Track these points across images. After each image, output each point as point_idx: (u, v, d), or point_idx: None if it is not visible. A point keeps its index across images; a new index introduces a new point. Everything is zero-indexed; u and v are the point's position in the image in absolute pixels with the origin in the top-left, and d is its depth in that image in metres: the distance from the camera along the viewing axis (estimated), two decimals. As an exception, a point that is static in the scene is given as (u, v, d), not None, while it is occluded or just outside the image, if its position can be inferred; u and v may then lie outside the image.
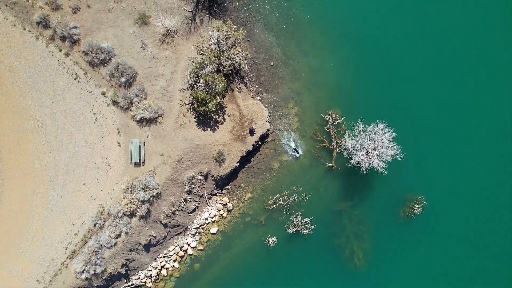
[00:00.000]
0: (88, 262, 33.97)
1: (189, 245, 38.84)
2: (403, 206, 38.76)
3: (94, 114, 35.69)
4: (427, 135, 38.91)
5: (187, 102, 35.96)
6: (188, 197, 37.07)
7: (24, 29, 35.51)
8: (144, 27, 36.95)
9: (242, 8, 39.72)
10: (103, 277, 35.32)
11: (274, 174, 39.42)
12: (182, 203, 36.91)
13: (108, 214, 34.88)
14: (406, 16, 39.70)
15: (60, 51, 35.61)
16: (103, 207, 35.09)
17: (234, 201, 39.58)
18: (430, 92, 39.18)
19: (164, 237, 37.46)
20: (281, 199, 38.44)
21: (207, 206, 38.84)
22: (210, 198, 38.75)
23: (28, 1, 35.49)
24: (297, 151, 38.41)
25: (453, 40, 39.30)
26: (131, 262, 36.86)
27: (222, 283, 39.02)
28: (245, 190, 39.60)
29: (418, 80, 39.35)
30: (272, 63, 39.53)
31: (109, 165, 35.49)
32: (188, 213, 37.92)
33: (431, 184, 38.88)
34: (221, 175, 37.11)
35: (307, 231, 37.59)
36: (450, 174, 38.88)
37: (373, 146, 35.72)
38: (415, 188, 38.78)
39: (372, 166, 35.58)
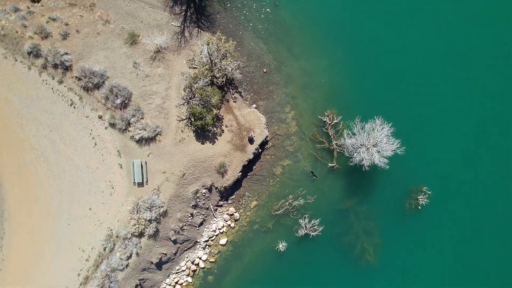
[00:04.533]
0: (102, 287, 33.99)
1: (200, 258, 38.91)
2: (409, 198, 38.93)
3: (93, 138, 35.78)
4: (425, 126, 39.15)
5: (184, 118, 36.10)
6: (195, 212, 37.17)
7: (16, 60, 35.64)
8: (134, 46, 37.12)
9: (229, 18, 39.94)
10: (118, 300, 35.40)
11: (278, 180, 39.56)
12: (189, 218, 37.00)
13: (117, 236, 34.94)
14: (393, 11, 40.03)
15: (53, 79, 35.73)
16: (111, 230, 35.16)
17: (241, 210, 39.68)
18: (425, 83, 39.47)
19: (175, 253, 37.52)
20: (287, 203, 38.56)
21: (214, 218, 38.94)
22: (216, 210, 38.85)
23: (17, 32, 35.61)
24: (314, 174, 38.66)
25: (443, 29, 39.63)
26: (144, 282, 36.89)
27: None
28: (250, 198, 39.72)
29: (412, 73, 39.64)
30: (264, 70, 39.72)
31: (113, 188, 35.57)
32: (196, 227, 38.00)
33: (433, 174, 39.08)
34: (225, 186, 37.22)
35: (316, 232, 37.71)
36: (452, 163, 39.10)
37: (373, 143, 35.90)
38: (419, 180, 38.96)
39: (374, 163, 35.73)
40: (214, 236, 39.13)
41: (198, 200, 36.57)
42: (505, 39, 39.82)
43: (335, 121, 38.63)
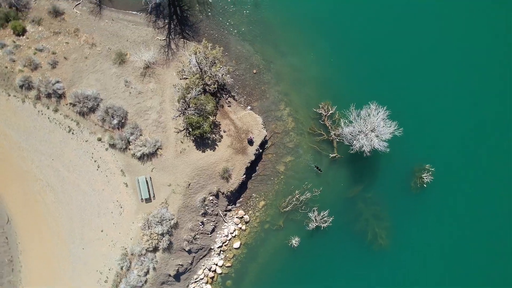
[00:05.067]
0: (123, 305, 34.40)
1: (216, 264, 39.29)
2: (413, 178, 39.28)
3: (95, 161, 36.14)
4: (420, 105, 39.50)
5: (181, 129, 36.46)
6: (205, 219, 37.56)
7: (9, 95, 36.00)
8: (123, 65, 37.49)
9: (213, 25, 40.26)
10: (141, 316, 35.78)
11: (282, 177, 39.93)
12: (200, 226, 37.38)
13: (132, 254, 35.32)
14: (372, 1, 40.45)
15: (48, 108, 36.09)
16: (126, 248, 35.54)
17: (250, 212, 40.06)
18: (414, 62, 39.85)
19: (191, 263, 37.90)
20: (294, 199, 38.93)
21: (225, 223, 39.31)
22: (225, 215, 39.22)
23: (7, 67, 35.97)
24: (319, 169, 38.99)
25: (428, 7, 40.03)
26: (164, 295, 37.31)
27: (257, 293, 39.55)
28: (257, 199, 40.08)
29: (400, 54, 40.01)
30: (254, 71, 40.07)
31: (121, 207, 35.94)
32: (208, 234, 38.38)
33: (435, 151, 39.45)
34: (231, 190, 37.58)
35: (326, 224, 38.08)
36: (451, 138, 39.46)
37: (370, 128, 36.24)
38: (421, 158, 39.30)
39: (374, 148, 36.08)
40: (227, 241, 39.50)
41: (207, 207, 36.94)
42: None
43: (330, 112, 38.99)
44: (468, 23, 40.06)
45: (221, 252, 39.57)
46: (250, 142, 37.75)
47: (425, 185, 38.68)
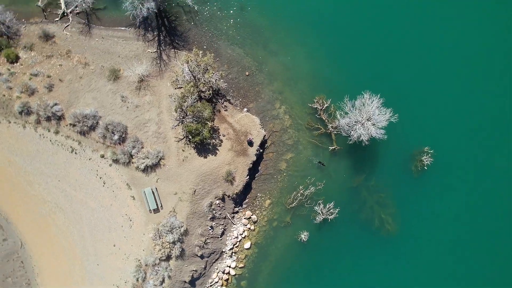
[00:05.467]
0: (143, 316, 35.05)
1: (229, 266, 39.94)
2: (413, 161, 39.89)
3: (100, 178, 36.78)
4: (412, 90, 40.17)
5: (181, 137, 37.09)
6: (214, 223, 38.20)
7: (10, 122, 36.62)
8: (118, 81, 38.10)
9: (201, 33, 40.85)
10: (161, 324, 36.46)
11: (285, 174, 40.55)
12: (210, 231, 38.04)
13: (146, 265, 35.97)
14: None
15: (49, 131, 36.72)
16: (139, 260, 36.19)
17: (257, 212, 40.70)
18: (403, 48, 40.48)
19: (205, 268, 38.57)
20: (299, 194, 39.54)
21: (234, 225, 39.96)
22: (233, 217, 39.87)
23: (4, 95, 36.59)
24: (322, 163, 39.59)
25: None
26: (182, 302, 37.97)
27: (272, 290, 40.21)
28: (263, 198, 40.72)
29: (388, 42, 40.62)
30: (247, 73, 40.67)
31: (131, 220, 36.59)
32: (219, 237, 39.04)
33: (432, 133, 40.06)
34: (236, 192, 38.22)
35: (333, 215, 38.71)
36: (447, 118, 40.08)
37: (366, 117, 36.84)
38: (419, 142, 39.89)
39: (371, 136, 36.68)
40: (238, 242, 40.15)
41: (214, 211, 37.59)
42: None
43: (325, 106, 39.61)
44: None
45: (233, 254, 40.21)
46: (250, 143, 38.37)
47: (425, 168, 39.29)
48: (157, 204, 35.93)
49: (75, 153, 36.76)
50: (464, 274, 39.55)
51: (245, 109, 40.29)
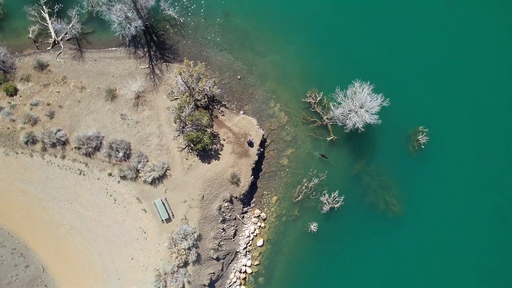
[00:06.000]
0: (168, 323, 36.25)
1: (245, 265, 41.13)
2: (410, 142, 41.10)
3: (110, 195, 37.98)
4: (400, 73, 41.39)
5: (184, 147, 38.27)
6: (225, 225, 39.42)
7: (17, 153, 37.82)
8: (115, 100, 39.27)
9: (190, 43, 41.99)
10: (187, 329, 37.66)
11: (287, 170, 41.73)
12: (222, 233, 39.25)
13: (165, 273, 37.18)
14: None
15: (56, 157, 37.91)
16: (158, 270, 37.40)
17: (265, 209, 41.89)
18: (386, 35, 41.72)
19: (222, 269, 39.78)
20: (304, 187, 40.72)
21: (244, 225, 41.16)
22: (243, 217, 41.07)
23: (9, 128, 37.78)
24: (324, 156, 40.78)
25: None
26: (204, 305, 39.20)
27: (291, 283, 41.24)
28: (269, 195, 41.90)
29: (371, 29, 41.84)
30: (239, 77, 41.83)
31: (145, 233, 37.79)
32: (232, 239, 40.24)
33: (425, 112, 41.25)
34: (243, 193, 39.40)
35: (338, 204, 39.89)
36: (436, 95, 41.33)
37: (359, 105, 38.02)
38: (413, 122, 41.07)
39: (366, 122, 37.83)
40: (250, 241, 41.35)
41: (224, 214, 38.79)
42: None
43: (318, 99, 40.76)
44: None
45: (247, 252, 41.40)
46: (250, 144, 39.53)
47: (422, 146, 40.46)
48: (168, 214, 37.13)
49: (83, 174, 37.96)
50: (469, 244, 40.76)
51: (242, 112, 41.46)
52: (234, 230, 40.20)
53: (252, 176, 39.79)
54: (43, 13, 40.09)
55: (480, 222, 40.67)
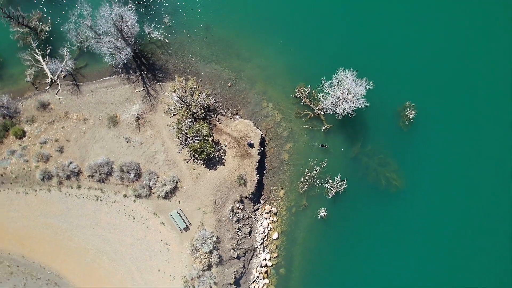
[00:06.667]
0: (203, 324, 38.57)
1: (265, 259, 43.45)
2: (400, 118, 43.31)
3: (129, 215, 40.30)
4: (379, 55, 43.57)
5: (189, 158, 40.59)
6: (240, 225, 41.73)
7: (35, 190, 40.15)
8: (117, 126, 41.58)
9: (178, 60, 44.25)
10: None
11: (289, 163, 44.03)
12: (239, 232, 41.57)
13: (192, 279, 39.49)
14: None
15: (72, 188, 40.22)
16: (185, 276, 39.72)
17: (275, 204, 44.18)
18: (360, 21, 43.93)
19: (244, 267, 42.10)
20: (307, 177, 42.98)
21: (258, 222, 43.49)
22: (255, 214, 43.40)
23: (24, 168, 40.10)
24: (324, 145, 43.08)
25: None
26: (232, 302, 41.53)
27: (311, 270, 43.48)
28: (276, 190, 44.20)
29: (345, 19, 44.11)
30: (229, 84, 44.12)
31: (166, 244, 40.11)
32: (248, 236, 42.56)
33: (409, 88, 43.43)
34: (251, 192, 41.71)
35: (342, 187, 42.16)
36: (419, 70, 43.47)
37: (346, 92, 40.24)
38: (399, 99, 43.29)
39: (355, 107, 40.04)
40: (266, 236, 43.66)
41: (237, 214, 41.12)
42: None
43: (307, 92, 43.04)
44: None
45: (265, 247, 43.71)
46: (251, 145, 41.82)
47: (412, 120, 42.71)
48: (185, 223, 39.44)
49: (100, 200, 40.27)
50: (469, 205, 43.04)
51: (237, 117, 43.75)
52: (249, 228, 42.52)
53: (258, 175, 42.08)
54: (37, 56, 42.36)
55: (476, 183, 42.96)
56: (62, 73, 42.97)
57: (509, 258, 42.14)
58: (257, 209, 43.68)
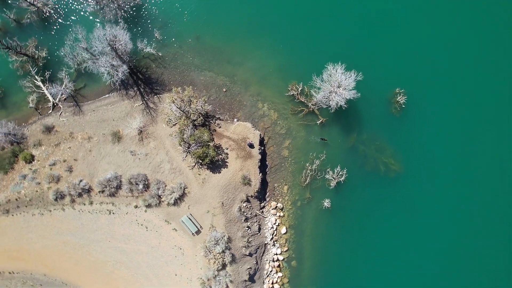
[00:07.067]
0: (223, 321, 40.20)
1: (276, 254, 45.07)
2: (391, 105, 44.91)
3: (141, 225, 41.93)
4: (365, 46, 45.20)
5: (193, 164, 42.21)
6: (249, 223, 43.36)
7: (50, 211, 41.79)
8: (121, 141, 43.21)
9: (173, 72, 45.84)
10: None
11: (290, 159, 45.66)
12: (248, 230, 43.20)
13: (208, 279, 41.13)
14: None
15: (84, 204, 41.87)
16: (201, 278, 41.35)
17: (280, 199, 45.82)
18: (344, 15, 45.56)
19: (256, 263, 43.73)
20: (308, 171, 44.59)
21: (265, 218, 45.13)
22: (262, 211, 45.02)
23: (37, 191, 41.74)
24: (323, 139, 44.69)
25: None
26: (249, 298, 43.16)
27: (321, 259, 45.10)
28: (280, 186, 45.83)
29: (329, 15, 45.71)
30: (224, 90, 45.73)
31: (180, 248, 41.74)
32: (258, 233, 44.20)
33: (397, 75, 45.02)
34: (256, 190, 43.33)
35: (343, 177, 43.76)
36: (406, 56, 45.17)
37: (337, 85, 41.85)
38: (389, 87, 44.92)
39: (347, 99, 41.63)
40: (275, 231, 45.28)
41: (245, 213, 42.74)
42: None
43: (300, 89, 44.64)
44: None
45: (275, 242, 45.33)
46: (251, 146, 43.44)
47: (403, 106, 44.31)
48: (196, 227, 41.07)
49: (113, 213, 41.90)
50: (467, 180, 44.77)
51: (235, 120, 45.37)
52: (258, 225, 44.15)
53: (261, 174, 43.69)
54: (37, 82, 44.00)
55: (471, 160, 44.65)
56: (63, 95, 44.57)
57: (507, 232, 43.87)
58: (264, 206, 45.31)
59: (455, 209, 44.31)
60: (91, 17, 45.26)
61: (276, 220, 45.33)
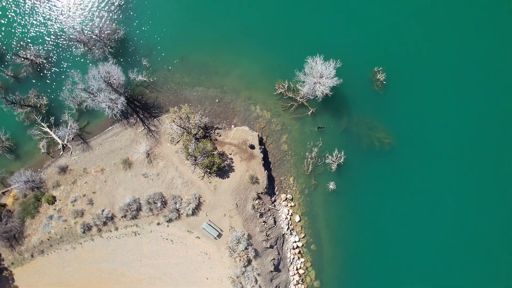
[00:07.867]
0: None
1: (295, 242, 48.12)
2: (373, 83, 48.01)
3: (166, 239, 44.99)
4: (338, 33, 48.35)
5: (203, 174, 45.29)
6: (264, 218, 46.42)
7: (81, 243, 44.84)
8: (132, 166, 46.24)
9: (167, 93, 48.89)
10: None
11: (290, 152, 48.73)
12: (265, 225, 46.28)
13: (237, 277, 44.18)
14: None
15: (111, 231, 44.92)
16: (231, 277, 44.41)
17: (288, 191, 48.87)
18: (315, 11, 48.64)
19: (278, 253, 46.79)
20: (309, 159, 47.65)
21: (278, 211, 48.21)
22: (274, 205, 48.10)
23: (65, 228, 44.79)
24: (320, 127, 47.64)
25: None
26: (278, 287, 46.15)
27: (338, 238, 48.07)
28: (286, 178, 48.89)
29: (302, 14, 48.75)
30: (217, 100, 48.80)
31: (206, 254, 44.80)
32: (274, 226, 47.27)
33: (375, 55, 48.09)
34: (265, 187, 46.40)
35: (342, 159, 46.81)
36: (377, 36, 48.38)
37: (319, 76, 44.89)
38: (367, 67, 48.05)
39: (331, 86, 44.65)
40: (289, 221, 48.35)
41: (259, 209, 45.83)
42: None
43: (286, 86, 47.68)
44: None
45: (291, 231, 48.38)
46: (252, 147, 46.50)
47: (384, 82, 47.42)
48: (217, 231, 44.13)
49: (138, 234, 44.95)
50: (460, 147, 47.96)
51: (233, 126, 48.45)
52: (273, 219, 47.22)
53: (266, 171, 46.76)
54: (44, 128, 47.04)
55: (459, 124, 47.88)
56: (70, 136, 47.54)
57: (504, 203, 46.88)
58: (275, 200, 48.39)
59: (447, 167, 47.56)
60: (82, 60, 48.33)
61: (288, 210, 48.38)
